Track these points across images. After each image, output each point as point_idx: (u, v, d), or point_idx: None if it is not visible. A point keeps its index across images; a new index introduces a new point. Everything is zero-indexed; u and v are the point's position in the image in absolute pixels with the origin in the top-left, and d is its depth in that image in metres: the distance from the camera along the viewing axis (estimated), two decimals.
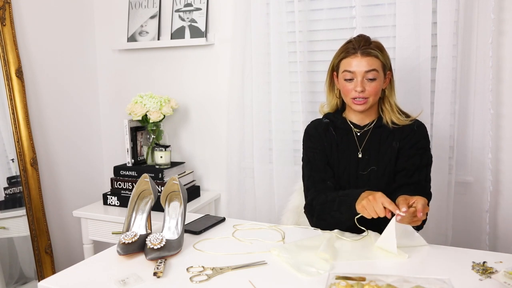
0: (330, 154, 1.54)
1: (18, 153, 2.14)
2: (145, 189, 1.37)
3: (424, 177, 1.47)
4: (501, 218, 1.88)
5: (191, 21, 2.33)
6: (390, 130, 1.50)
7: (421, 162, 1.47)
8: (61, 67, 2.41)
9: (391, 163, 1.48)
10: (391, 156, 1.48)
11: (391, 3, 1.90)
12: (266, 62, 2.15)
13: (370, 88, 1.43)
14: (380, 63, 1.44)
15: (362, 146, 1.50)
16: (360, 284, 0.97)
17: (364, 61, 1.42)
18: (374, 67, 1.43)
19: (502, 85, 1.84)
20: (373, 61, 1.43)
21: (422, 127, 1.52)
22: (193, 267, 1.15)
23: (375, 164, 1.48)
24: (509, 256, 1.18)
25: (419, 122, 1.52)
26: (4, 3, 2.08)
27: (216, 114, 2.37)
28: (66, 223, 2.42)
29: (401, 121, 1.49)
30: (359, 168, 1.50)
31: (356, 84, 1.43)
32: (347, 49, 1.46)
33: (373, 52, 1.43)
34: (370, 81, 1.43)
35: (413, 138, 1.48)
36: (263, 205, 2.23)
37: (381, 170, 1.48)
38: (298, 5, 2.02)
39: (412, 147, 1.47)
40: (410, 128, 1.50)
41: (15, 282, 2.17)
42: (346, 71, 1.45)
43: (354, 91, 1.43)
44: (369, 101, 1.45)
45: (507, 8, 1.79)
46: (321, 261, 1.16)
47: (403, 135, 1.49)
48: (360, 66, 1.42)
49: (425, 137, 1.51)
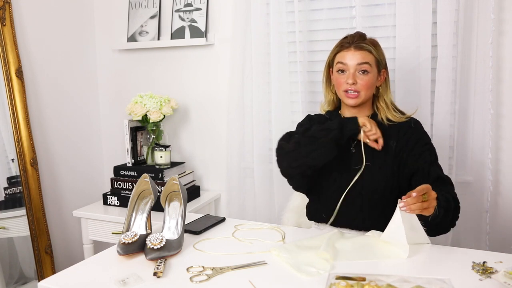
0: None
1: (18, 153, 2.14)
2: (145, 189, 1.37)
3: (440, 169, 1.48)
4: (501, 218, 1.88)
5: (191, 21, 2.33)
6: (386, 127, 1.49)
7: (431, 157, 1.47)
8: (61, 67, 2.41)
9: (387, 161, 1.47)
10: (387, 154, 1.47)
11: (391, 3, 1.90)
12: (266, 62, 2.15)
13: (362, 81, 1.45)
14: (374, 58, 1.46)
15: (355, 142, 1.49)
16: (360, 284, 0.97)
17: (357, 54, 1.45)
18: (367, 60, 1.45)
19: (502, 85, 1.84)
20: (366, 55, 1.45)
21: (418, 123, 1.52)
22: (193, 267, 1.15)
23: (369, 159, 1.47)
24: (509, 256, 1.18)
25: (415, 119, 1.53)
26: (4, 3, 2.08)
27: (216, 114, 2.37)
28: (66, 223, 2.42)
29: (396, 118, 1.50)
30: (352, 163, 1.49)
31: (348, 76, 1.45)
32: (341, 44, 1.50)
33: (366, 46, 1.46)
34: (362, 74, 1.45)
35: (413, 135, 1.48)
36: (263, 205, 2.23)
37: (376, 166, 1.47)
38: (298, 5, 2.02)
39: (417, 144, 1.47)
40: (407, 126, 1.50)
41: (15, 282, 2.17)
42: (340, 62, 1.48)
43: (346, 83, 1.46)
44: (361, 95, 1.46)
45: (507, 8, 1.79)
46: (321, 261, 1.16)
47: (400, 133, 1.49)
48: (353, 59, 1.45)
49: (424, 132, 1.52)
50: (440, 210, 1.25)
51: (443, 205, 1.29)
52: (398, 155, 1.47)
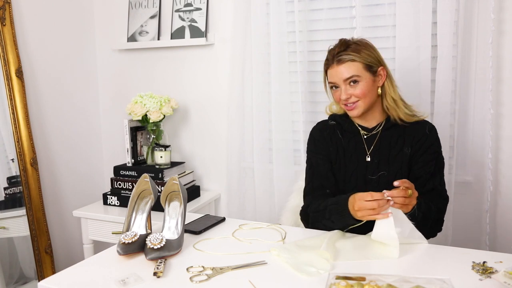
0: (336, 159, 1.51)
1: (18, 153, 2.14)
2: (145, 189, 1.37)
3: (439, 181, 1.46)
4: (501, 218, 1.88)
5: (191, 21, 2.33)
6: (401, 133, 1.47)
7: (435, 167, 1.45)
8: (61, 67, 2.41)
9: (403, 169, 1.46)
10: (403, 161, 1.46)
11: (391, 3, 1.90)
12: (266, 62, 2.15)
13: (356, 91, 1.41)
14: (360, 64, 1.40)
15: (370, 150, 1.48)
16: (360, 284, 0.97)
17: (340, 69, 1.41)
18: (352, 73, 1.40)
19: (502, 85, 1.84)
20: (349, 67, 1.40)
21: (434, 130, 1.49)
22: (193, 267, 1.15)
23: (385, 168, 1.46)
24: (509, 256, 1.18)
25: (431, 125, 1.49)
26: (4, 3, 2.08)
27: (216, 114, 2.37)
28: (66, 223, 2.42)
29: (408, 117, 1.46)
30: (367, 173, 1.47)
31: (341, 92, 1.43)
32: (326, 60, 1.47)
33: (347, 57, 1.40)
34: (353, 84, 1.42)
35: (425, 142, 1.46)
36: (263, 205, 2.23)
37: (391, 175, 1.45)
38: (298, 5, 2.03)
39: (426, 152, 1.45)
40: (422, 132, 1.46)
41: (15, 282, 2.17)
42: (329, 82, 1.47)
43: (341, 98, 1.44)
44: (359, 104, 1.43)
45: (507, 8, 1.79)
46: (321, 261, 1.16)
47: (415, 139, 1.46)
48: (337, 75, 1.42)
49: (437, 139, 1.48)
50: (418, 213, 1.28)
51: (423, 210, 1.31)
52: (411, 161, 1.46)
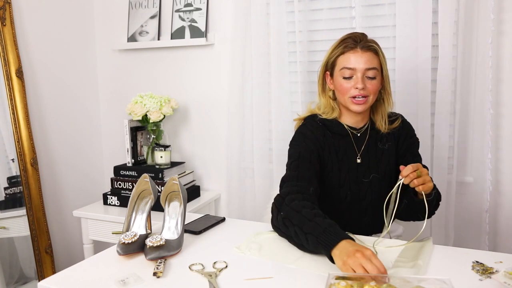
0: (328, 161, 1.43)
1: (18, 153, 2.14)
2: (145, 189, 1.37)
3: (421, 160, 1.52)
4: (501, 218, 1.88)
5: (191, 21, 2.33)
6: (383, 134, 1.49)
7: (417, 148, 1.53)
8: (61, 67, 2.41)
9: (390, 167, 1.48)
10: (389, 159, 1.48)
11: (391, 3, 1.90)
12: (266, 62, 2.15)
13: (371, 86, 1.36)
14: (378, 62, 1.38)
15: (360, 151, 1.46)
16: (360, 284, 0.97)
17: (365, 57, 1.35)
18: (374, 65, 1.36)
19: (502, 85, 1.84)
20: (373, 57, 1.36)
21: (403, 118, 1.53)
22: (193, 266, 1.15)
23: (375, 170, 1.46)
24: (509, 256, 1.18)
25: (399, 115, 1.53)
26: (4, 3, 2.08)
27: (216, 114, 2.37)
28: (66, 223, 2.42)
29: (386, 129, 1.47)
30: (359, 175, 1.45)
31: (357, 81, 1.35)
32: (345, 44, 1.38)
33: (373, 46, 1.37)
34: (370, 79, 1.36)
35: (403, 132, 1.51)
36: (263, 205, 2.23)
37: (381, 175, 1.47)
38: (298, 5, 2.02)
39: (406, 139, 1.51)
40: (400, 126, 1.50)
41: (15, 282, 2.17)
42: (345, 68, 1.37)
43: (355, 88, 1.35)
44: (369, 100, 1.38)
45: (507, 8, 1.79)
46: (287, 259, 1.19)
47: (396, 135, 1.50)
48: (361, 62, 1.34)
49: (409, 124, 1.54)
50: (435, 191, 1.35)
51: (435, 189, 1.38)
52: (397, 154, 1.51)
